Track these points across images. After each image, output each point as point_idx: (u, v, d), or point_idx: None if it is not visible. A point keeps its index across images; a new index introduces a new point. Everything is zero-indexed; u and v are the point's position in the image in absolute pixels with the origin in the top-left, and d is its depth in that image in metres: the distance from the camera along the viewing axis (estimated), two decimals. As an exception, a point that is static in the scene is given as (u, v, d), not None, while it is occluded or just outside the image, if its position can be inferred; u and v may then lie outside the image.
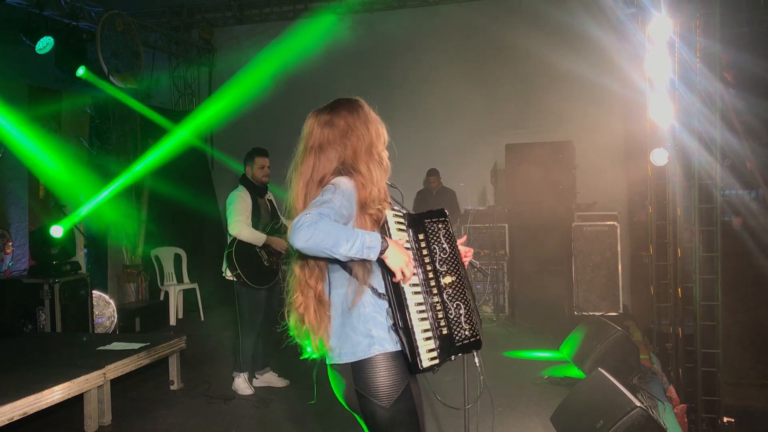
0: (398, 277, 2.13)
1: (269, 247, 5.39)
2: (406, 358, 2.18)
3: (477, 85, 9.15)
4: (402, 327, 2.15)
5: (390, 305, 2.20)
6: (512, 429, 4.49)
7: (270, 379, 5.63)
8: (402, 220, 2.28)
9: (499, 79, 9.07)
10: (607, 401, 3.80)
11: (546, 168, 7.92)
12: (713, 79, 5.48)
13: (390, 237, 2.19)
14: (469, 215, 8.51)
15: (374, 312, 2.23)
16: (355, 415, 2.31)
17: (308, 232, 2.05)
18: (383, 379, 2.20)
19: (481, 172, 9.30)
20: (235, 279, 5.28)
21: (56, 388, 4.26)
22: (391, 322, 2.21)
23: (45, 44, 6.91)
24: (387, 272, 2.19)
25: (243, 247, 5.28)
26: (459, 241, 2.52)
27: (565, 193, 7.97)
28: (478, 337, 2.30)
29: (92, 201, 7.40)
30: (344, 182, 2.24)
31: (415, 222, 2.30)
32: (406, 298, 2.15)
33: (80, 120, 7.99)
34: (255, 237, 5.30)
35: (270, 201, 5.62)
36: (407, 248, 2.25)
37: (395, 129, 2.47)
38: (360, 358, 2.22)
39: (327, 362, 2.32)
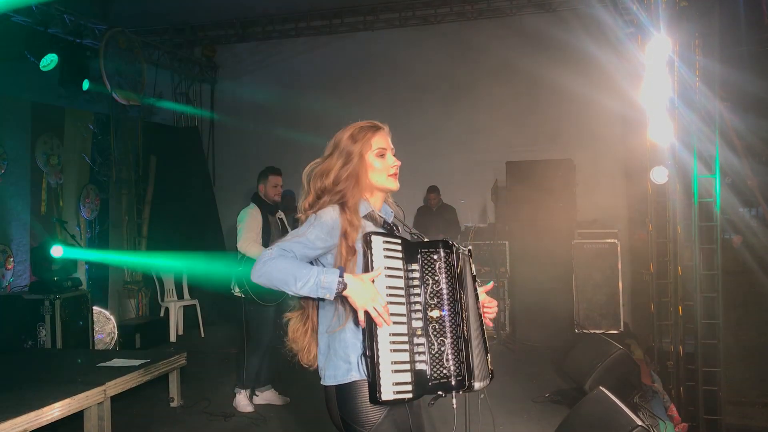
0: (361, 316, 2.11)
1: None
2: (369, 387, 2.14)
3: (478, 102, 9.21)
4: (369, 356, 2.11)
5: (363, 333, 2.17)
6: (513, 447, 4.47)
7: (270, 397, 5.62)
8: (394, 248, 2.22)
9: (500, 97, 9.12)
10: (608, 420, 3.79)
11: (546, 185, 7.94)
12: (712, 98, 5.51)
13: (372, 266, 2.15)
14: (469, 232, 8.53)
15: (354, 338, 2.23)
16: None
17: (263, 268, 2.14)
18: (362, 404, 2.19)
19: (482, 189, 9.33)
20: (243, 295, 5.28)
21: (56, 404, 4.25)
22: (361, 352, 2.19)
23: (49, 61, 6.96)
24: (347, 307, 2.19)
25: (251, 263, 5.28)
26: (483, 288, 2.47)
27: (565, 211, 7.99)
28: (461, 378, 2.17)
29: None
30: (328, 213, 2.25)
31: (409, 250, 2.24)
32: (375, 328, 2.10)
33: (83, 136, 8.03)
34: None
35: (281, 219, 5.65)
36: (398, 276, 2.20)
37: (395, 146, 2.46)
38: (340, 383, 2.23)
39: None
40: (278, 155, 10.01)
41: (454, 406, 2.23)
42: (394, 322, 2.15)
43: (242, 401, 5.46)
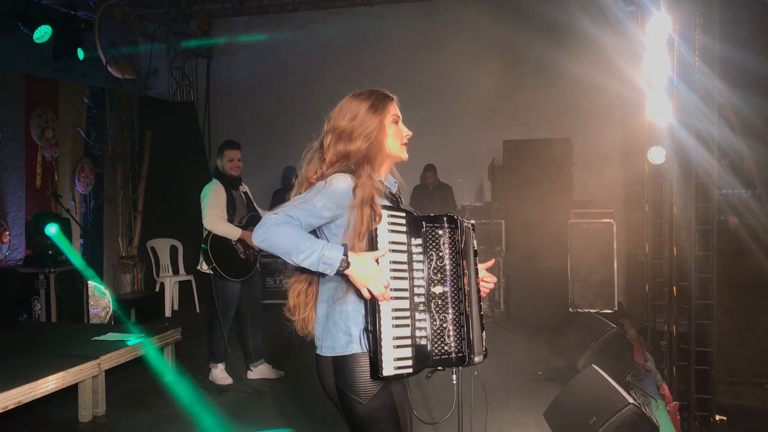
0: (365, 294, 2.08)
1: (245, 240, 5.38)
2: (370, 362, 2.14)
3: (475, 81, 9.14)
4: (370, 330, 2.10)
5: (365, 307, 2.16)
6: (506, 424, 4.50)
7: (264, 371, 5.64)
8: (399, 222, 2.20)
9: (498, 76, 9.05)
10: (600, 398, 3.81)
11: (543, 165, 7.92)
12: (712, 77, 5.48)
13: (375, 238, 2.13)
14: (465, 211, 8.51)
15: (355, 311, 2.20)
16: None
17: (266, 233, 2.06)
18: (361, 374, 2.18)
19: (479, 168, 9.31)
20: (211, 272, 5.28)
21: (51, 377, 4.26)
22: (363, 325, 2.18)
23: (43, 33, 6.88)
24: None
25: (218, 240, 5.28)
26: (484, 265, 2.45)
27: (561, 191, 7.97)
28: (462, 355, 2.17)
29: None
30: (339, 182, 2.19)
31: (414, 225, 2.21)
32: (378, 303, 2.09)
33: (77, 110, 7.96)
34: (229, 231, 5.30)
35: (245, 193, 5.62)
36: (401, 251, 2.18)
37: None
38: (338, 354, 2.21)
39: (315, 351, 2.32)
40: (274, 129, 10.00)
41: (454, 381, 2.24)
42: (397, 297, 2.13)
43: (219, 374, 5.51)
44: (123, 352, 5.01)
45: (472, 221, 2.42)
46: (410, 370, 2.12)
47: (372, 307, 2.10)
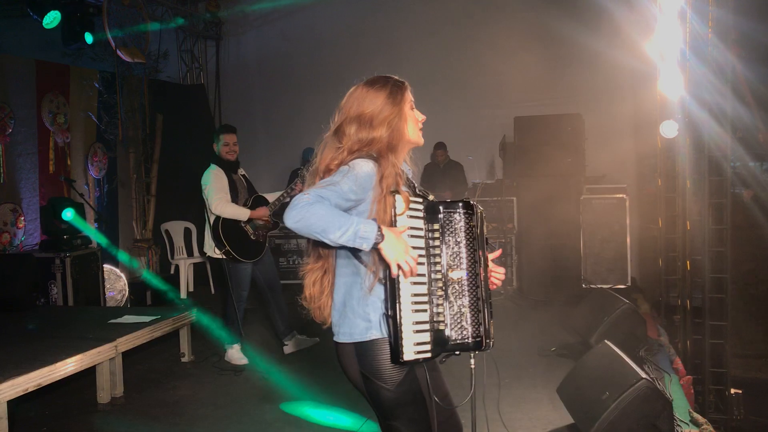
0: (394, 270, 2.07)
1: (253, 220, 5.42)
2: (390, 347, 2.15)
3: (485, 57, 9.06)
4: (390, 315, 2.11)
5: (385, 292, 2.17)
6: (519, 400, 4.53)
7: (299, 342, 5.74)
8: (419, 206, 2.22)
9: (508, 51, 8.95)
10: (613, 373, 3.82)
11: (555, 141, 7.87)
12: (725, 50, 5.40)
13: (395, 224, 2.14)
14: (477, 189, 8.50)
15: (375, 297, 2.21)
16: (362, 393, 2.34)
17: (300, 213, 2.04)
18: (386, 362, 2.19)
19: (490, 145, 9.26)
20: (224, 256, 5.33)
21: (69, 360, 4.33)
22: (383, 311, 2.18)
23: (52, 18, 6.87)
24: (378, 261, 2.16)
25: (228, 223, 5.32)
26: (492, 255, 2.42)
27: (573, 166, 7.93)
28: (479, 338, 2.20)
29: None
30: (362, 166, 2.19)
31: (431, 210, 2.22)
32: (399, 288, 2.09)
33: (88, 95, 7.99)
34: (238, 212, 5.34)
35: (244, 176, 5.66)
36: (419, 236, 2.19)
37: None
38: (357, 341, 2.23)
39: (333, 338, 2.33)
40: (284, 109, 9.99)
41: (472, 366, 2.26)
42: (416, 283, 2.14)
43: (235, 355, 5.58)
44: (139, 334, 5.07)
45: (481, 208, 2.41)
46: (429, 355, 2.14)
47: (392, 292, 2.10)
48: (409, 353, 2.09)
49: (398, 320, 2.08)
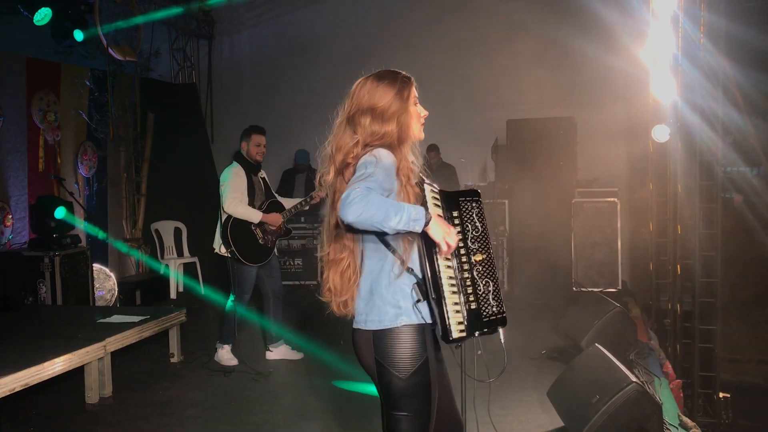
0: (443, 247, 2.15)
1: (264, 224, 5.39)
2: (438, 328, 2.24)
3: (478, 60, 9.08)
4: (435, 298, 2.21)
5: (423, 278, 2.24)
6: (509, 403, 4.53)
7: (284, 351, 5.69)
8: (437, 196, 2.33)
9: (501, 54, 8.98)
10: (603, 376, 3.82)
11: (547, 144, 7.89)
12: (717, 55, 5.43)
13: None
14: (469, 191, 8.49)
15: (404, 284, 2.27)
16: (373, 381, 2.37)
17: (360, 207, 2.06)
18: (403, 351, 2.25)
19: (482, 147, 9.26)
20: (229, 256, 5.30)
21: (57, 360, 4.29)
22: (416, 298, 2.25)
23: (43, 15, 6.82)
24: (425, 245, 2.23)
25: (238, 224, 5.29)
26: None
27: (565, 170, 7.95)
28: (504, 314, 2.36)
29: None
30: (385, 155, 2.24)
31: (450, 199, 2.36)
32: (440, 271, 2.21)
33: (79, 92, 7.94)
34: (250, 214, 5.30)
35: (263, 179, 5.62)
36: None
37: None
38: (386, 327, 2.26)
39: (353, 326, 2.37)
40: (277, 112, 9.96)
41: (503, 341, 2.37)
42: (446, 266, 2.26)
43: (225, 356, 5.54)
44: (128, 334, 5.04)
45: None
46: (464, 334, 2.25)
47: (433, 275, 2.22)
48: (455, 332, 2.22)
49: (443, 300, 2.20)
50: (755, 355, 6.95)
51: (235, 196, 5.26)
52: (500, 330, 2.38)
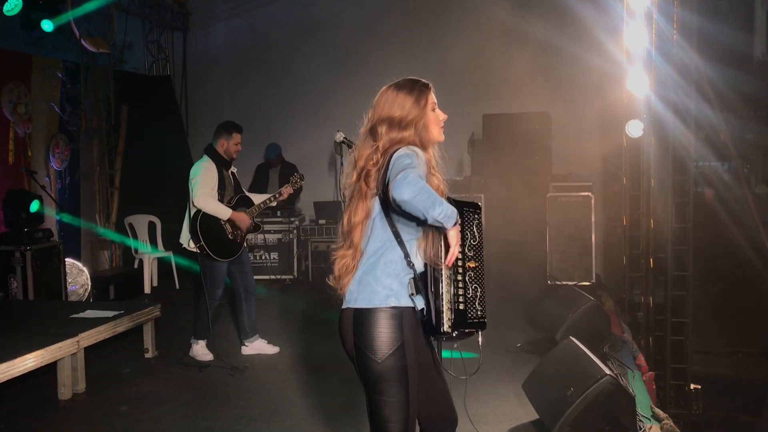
0: (453, 249, 2.27)
1: (233, 221, 5.37)
2: (432, 318, 2.35)
3: (454, 54, 9.08)
4: (433, 291, 2.35)
5: (426, 272, 2.37)
6: (485, 396, 4.56)
7: (260, 346, 5.67)
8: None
9: (477, 49, 9.00)
10: (577, 369, 3.87)
11: (523, 139, 7.94)
12: (690, 51, 5.50)
13: None
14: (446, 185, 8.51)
15: (403, 271, 2.38)
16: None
17: (416, 189, 2.18)
18: (379, 334, 2.32)
19: (458, 142, 9.27)
20: (198, 251, 5.27)
21: (29, 355, 4.24)
22: (411, 291, 2.37)
23: (13, 6, 6.69)
24: (444, 241, 2.33)
25: (207, 219, 5.26)
26: None
27: (541, 164, 8.01)
28: (485, 320, 2.48)
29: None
30: (419, 151, 2.38)
31: (455, 207, 2.43)
32: (442, 269, 2.35)
33: (51, 84, 7.80)
34: (220, 210, 5.28)
35: (233, 174, 5.60)
36: None
37: (369, 98, 2.51)
38: (375, 306, 2.34)
39: (342, 306, 2.45)
40: (253, 103, 9.89)
41: (480, 343, 2.49)
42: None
43: (200, 351, 5.52)
44: (102, 329, 4.99)
45: None
46: (451, 330, 2.36)
47: (435, 271, 2.35)
48: (446, 325, 2.34)
49: (441, 295, 2.34)
50: (726, 348, 7.08)
51: (205, 191, 5.23)
52: (479, 333, 2.49)
